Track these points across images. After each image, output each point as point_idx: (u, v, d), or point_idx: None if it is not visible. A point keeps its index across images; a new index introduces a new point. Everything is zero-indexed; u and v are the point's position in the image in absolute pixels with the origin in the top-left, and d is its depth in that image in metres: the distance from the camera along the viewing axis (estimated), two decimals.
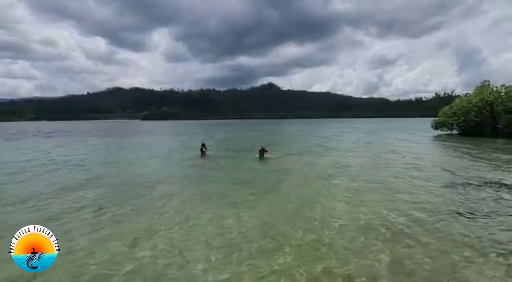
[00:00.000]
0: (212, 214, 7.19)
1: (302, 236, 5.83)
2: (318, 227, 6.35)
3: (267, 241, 5.61)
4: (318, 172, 12.88)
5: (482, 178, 10.94)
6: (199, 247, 5.41)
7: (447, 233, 5.94)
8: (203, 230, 6.23)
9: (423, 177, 11.36)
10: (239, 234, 6.02)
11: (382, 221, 6.65)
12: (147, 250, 5.31)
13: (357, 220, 6.77)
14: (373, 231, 6.11)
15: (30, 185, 10.61)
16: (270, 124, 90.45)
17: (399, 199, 8.35)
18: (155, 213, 7.33)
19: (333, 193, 9.13)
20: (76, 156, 18.72)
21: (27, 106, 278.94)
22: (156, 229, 6.30)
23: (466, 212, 7.21)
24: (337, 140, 31.04)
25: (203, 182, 11.09)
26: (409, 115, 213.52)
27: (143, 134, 45.71)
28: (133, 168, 14.38)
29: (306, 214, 7.21)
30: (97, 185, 10.59)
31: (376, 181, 10.71)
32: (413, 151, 19.87)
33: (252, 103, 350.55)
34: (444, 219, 6.72)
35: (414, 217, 6.86)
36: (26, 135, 43.46)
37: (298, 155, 18.83)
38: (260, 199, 8.59)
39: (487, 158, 16.01)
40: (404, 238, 5.76)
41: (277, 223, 6.56)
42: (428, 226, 6.35)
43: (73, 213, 7.29)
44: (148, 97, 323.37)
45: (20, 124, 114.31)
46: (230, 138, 36.40)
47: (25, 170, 13.60)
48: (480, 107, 31.44)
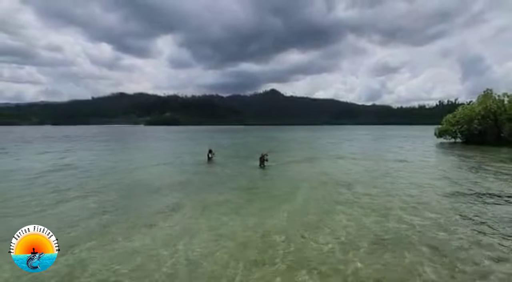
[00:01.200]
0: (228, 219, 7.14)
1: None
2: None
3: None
4: (328, 179, 12.80)
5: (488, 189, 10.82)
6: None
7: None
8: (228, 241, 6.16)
9: (427, 185, 11.25)
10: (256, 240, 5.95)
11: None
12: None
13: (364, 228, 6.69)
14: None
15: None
16: (272, 131, 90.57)
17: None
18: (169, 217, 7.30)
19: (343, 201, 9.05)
20: (88, 162, 18.85)
21: (32, 110, 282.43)
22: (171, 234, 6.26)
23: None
24: (339, 148, 30.94)
25: (213, 190, 11.03)
26: (412, 122, 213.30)
27: (149, 140, 46.07)
28: (144, 174, 14.45)
29: (326, 223, 7.14)
30: (108, 190, 10.59)
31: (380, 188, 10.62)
32: (418, 160, 19.75)
33: (255, 109, 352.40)
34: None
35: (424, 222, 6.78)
36: (41, 140, 43.85)
37: (299, 162, 18.80)
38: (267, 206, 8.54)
39: (492, 169, 15.85)
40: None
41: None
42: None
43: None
44: (152, 103, 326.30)
45: (27, 129, 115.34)
46: (237, 144, 36.90)
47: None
48: (483, 115, 31.25)
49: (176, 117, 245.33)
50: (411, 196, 9.91)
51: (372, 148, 29.93)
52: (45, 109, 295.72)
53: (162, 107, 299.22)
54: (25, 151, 26.32)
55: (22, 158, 21.42)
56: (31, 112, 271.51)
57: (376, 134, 60.86)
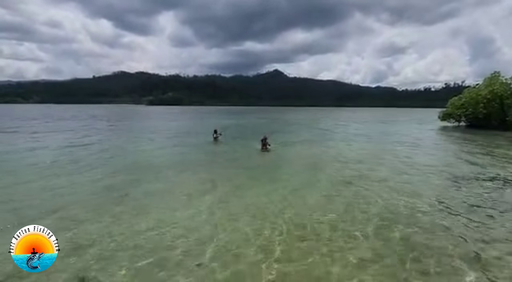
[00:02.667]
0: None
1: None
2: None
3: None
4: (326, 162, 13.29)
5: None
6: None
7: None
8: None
9: (426, 168, 11.72)
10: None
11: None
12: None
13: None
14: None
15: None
16: (275, 112, 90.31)
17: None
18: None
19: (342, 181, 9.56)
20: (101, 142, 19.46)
21: (33, 88, 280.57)
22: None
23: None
24: (341, 131, 31.30)
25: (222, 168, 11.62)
26: (417, 105, 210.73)
27: (155, 120, 46.64)
28: (154, 153, 15.16)
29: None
30: (125, 171, 11.14)
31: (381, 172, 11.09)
32: (418, 144, 20.12)
33: (258, 90, 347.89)
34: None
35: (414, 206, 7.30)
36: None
37: (302, 144, 19.29)
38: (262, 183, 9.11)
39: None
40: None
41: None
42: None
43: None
44: (153, 82, 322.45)
45: (31, 107, 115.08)
46: (240, 125, 37.56)
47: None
48: (489, 99, 30.83)
49: (178, 97, 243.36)
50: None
51: (374, 131, 30.20)
52: (47, 87, 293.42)
53: (164, 87, 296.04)
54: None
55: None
56: (33, 91, 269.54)
57: (379, 118, 60.61)
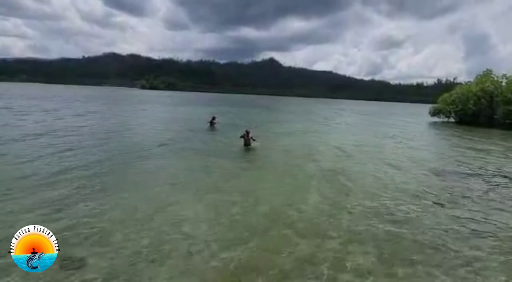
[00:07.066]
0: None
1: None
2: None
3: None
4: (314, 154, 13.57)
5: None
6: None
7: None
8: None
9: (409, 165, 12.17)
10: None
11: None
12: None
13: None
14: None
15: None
16: (268, 101, 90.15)
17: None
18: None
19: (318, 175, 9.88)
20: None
21: (20, 66, 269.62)
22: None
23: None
24: (331, 124, 31.70)
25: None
26: (409, 100, 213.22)
27: (152, 104, 45.79)
28: (150, 138, 15.00)
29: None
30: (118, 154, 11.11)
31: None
32: (407, 137, 20.66)
33: (252, 78, 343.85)
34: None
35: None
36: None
37: (291, 135, 19.54)
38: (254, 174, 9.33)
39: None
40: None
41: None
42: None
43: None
44: (146, 65, 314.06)
45: (16, 86, 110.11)
46: (233, 112, 37.98)
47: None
48: (479, 96, 31.40)
49: (171, 82, 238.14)
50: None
51: (362, 124, 30.67)
52: (34, 66, 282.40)
53: (157, 70, 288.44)
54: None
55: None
56: (19, 69, 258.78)
57: (369, 111, 61.27)
